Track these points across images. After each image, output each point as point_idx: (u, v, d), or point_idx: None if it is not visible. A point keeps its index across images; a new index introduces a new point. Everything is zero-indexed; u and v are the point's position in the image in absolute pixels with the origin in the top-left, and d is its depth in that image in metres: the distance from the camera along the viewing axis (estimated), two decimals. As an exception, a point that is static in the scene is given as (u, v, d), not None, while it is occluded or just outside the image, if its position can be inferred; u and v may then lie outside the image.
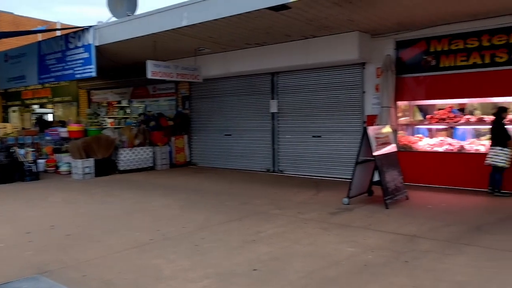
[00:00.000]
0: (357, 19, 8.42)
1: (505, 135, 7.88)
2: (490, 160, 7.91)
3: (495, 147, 7.90)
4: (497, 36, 8.29)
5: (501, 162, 7.78)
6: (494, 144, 7.95)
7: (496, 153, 7.86)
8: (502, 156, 7.78)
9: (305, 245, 5.26)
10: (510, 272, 4.28)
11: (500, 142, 7.85)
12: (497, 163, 7.82)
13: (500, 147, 7.82)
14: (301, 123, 11.23)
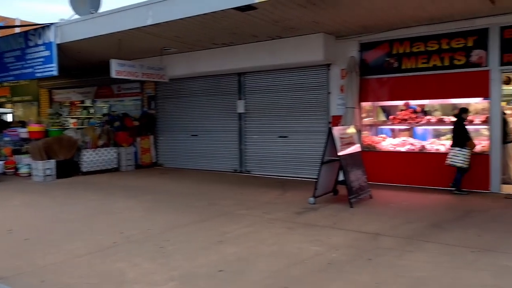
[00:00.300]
0: (322, 21, 8.54)
1: (465, 136, 8.11)
2: (449, 161, 8.16)
3: (454, 148, 8.15)
4: (456, 40, 8.59)
5: (459, 163, 8.03)
6: (453, 144, 8.21)
7: (455, 154, 8.10)
8: (460, 157, 8.02)
9: (271, 245, 5.29)
10: (465, 267, 4.44)
11: (459, 143, 8.10)
12: (455, 163, 8.07)
13: (459, 147, 8.07)
14: (268, 123, 11.29)
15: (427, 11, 7.82)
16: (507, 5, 7.51)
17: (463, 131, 8.14)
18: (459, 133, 8.17)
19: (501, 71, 8.25)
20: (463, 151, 8.01)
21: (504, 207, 7.13)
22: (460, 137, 8.13)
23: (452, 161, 8.11)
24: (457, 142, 8.13)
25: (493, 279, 4.08)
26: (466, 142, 8.06)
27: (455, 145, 8.15)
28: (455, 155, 8.08)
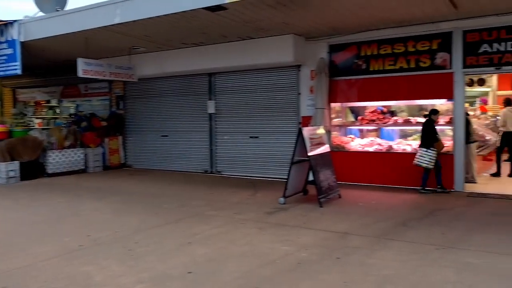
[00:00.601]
0: (292, 22, 8.60)
1: (433, 137, 8.27)
2: (416, 161, 8.32)
3: (421, 148, 8.32)
4: (421, 43, 8.82)
5: (424, 163, 8.21)
6: (421, 145, 8.38)
7: (421, 154, 8.27)
8: (426, 157, 8.19)
9: (241, 245, 5.29)
10: (430, 264, 4.56)
11: (426, 144, 8.26)
12: (421, 163, 8.25)
13: (426, 148, 8.24)
14: (239, 124, 11.28)
15: (395, 13, 8.00)
16: (469, 10, 7.77)
17: (431, 132, 8.29)
18: (427, 134, 8.33)
19: (464, 74, 8.53)
20: (429, 152, 8.19)
21: (466, 205, 7.37)
22: (428, 138, 8.30)
23: (418, 161, 8.29)
24: (425, 142, 8.31)
25: (456, 276, 4.21)
26: (433, 143, 8.23)
27: (422, 145, 8.33)
28: (422, 156, 8.26)
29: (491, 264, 4.49)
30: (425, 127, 8.42)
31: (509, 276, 4.16)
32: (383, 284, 4.07)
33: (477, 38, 8.25)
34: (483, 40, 8.20)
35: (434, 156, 8.19)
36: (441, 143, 8.38)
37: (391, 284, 4.08)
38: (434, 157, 8.19)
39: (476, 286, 3.95)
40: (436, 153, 8.23)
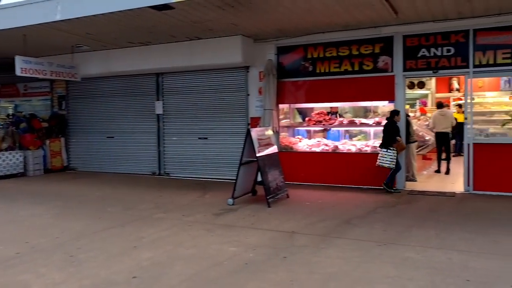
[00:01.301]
0: (240, 23, 8.63)
1: (393, 138, 8.41)
2: (378, 162, 8.42)
3: (382, 149, 8.44)
4: (364, 46, 9.13)
5: (386, 163, 8.33)
6: (381, 145, 8.48)
7: (382, 155, 8.39)
8: (387, 158, 8.31)
9: (188, 248, 5.23)
10: (373, 260, 4.73)
11: (386, 144, 8.37)
12: (383, 164, 8.35)
13: (386, 149, 8.35)
14: (188, 124, 11.16)
15: (339, 18, 8.22)
16: (408, 16, 8.13)
17: (393, 133, 8.40)
18: (388, 135, 8.43)
19: (404, 77, 8.91)
20: (389, 152, 8.31)
21: (407, 202, 7.70)
22: (388, 139, 8.41)
23: (381, 162, 8.38)
24: (385, 143, 8.41)
25: (395, 270, 4.39)
26: (393, 144, 8.36)
27: (382, 146, 8.44)
28: (383, 156, 8.37)
29: (428, 259, 4.71)
30: (388, 128, 8.49)
31: (444, 269, 4.39)
32: (328, 282, 4.16)
33: (416, 43, 8.66)
34: (422, 45, 8.62)
35: (394, 156, 8.30)
36: (402, 143, 8.59)
37: (335, 281, 4.18)
38: (394, 157, 8.29)
39: (414, 280, 4.14)
40: (396, 153, 8.36)
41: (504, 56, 8.01)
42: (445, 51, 8.44)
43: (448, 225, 6.09)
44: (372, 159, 9.06)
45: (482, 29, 8.13)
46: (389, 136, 8.43)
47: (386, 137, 8.47)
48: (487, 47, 8.12)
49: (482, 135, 8.64)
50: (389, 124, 8.51)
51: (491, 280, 4.10)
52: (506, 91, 12.39)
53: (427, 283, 4.05)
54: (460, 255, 4.81)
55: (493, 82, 12.62)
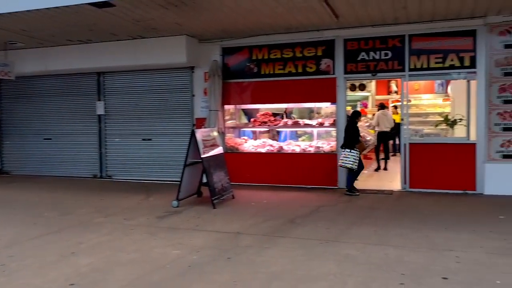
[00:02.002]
0: (184, 23, 8.53)
1: (356, 139, 8.49)
2: (341, 162, 8.45)
3: (345, 150, 8.43)
4: (308, 49, 9.33)
5: (349, 164, 8.35)
6: (344, 146, 8.48)
7: (346, 155, 8.35)
8: (350, 158, 8.33)
9: (130, 252, 5.10)
10: (315, 258, 4.83)
11: (350, 145, 8.40)
12: (346, 164, 8.37)
13: (349, 149, 8.37)
14: (131, 126, 10.88)
15: (282, 20, 8.33)
16: (349, 20, 8.41)
17: (355, 134, 8.49)
18: (351, 136, 8.44)
19: (345, 79, 9.20)
20: (353, 153, 8.35)
21: (348, 201, 7.96)
22: (351, 140, 8.43)
23: (344, 163, 8.37)
24: (348, 144, 8.41)
25: (337, 267, 4.52)
26: (356, 145, 8.45)
27: (346, 147, 8.42)
28: (346, 157, 8.33)
29: (367, 255, 4.89)
30: (350, 129, 8.51)
31: (382, 265, 4.57)
32: (271, 281, 4.21)
33: (356, 47, 8.97)
34: (361, 48, 8.94)
35: (358, 157, 8.39)
36: (363, 144, 8.75)
37: (279, 280, 4.23)
38: (357, 157, 8.37)
39: (354, 276, 4.28)
40: (359, 154, 8.48)
41: (436, 61, 8.48)
42: (383, 55, 8.81)
43: (386, 222, 6.36)
44: (315, 159, 9.33)
45: (416, 35, 8.57)
46: (352, 137, 8.45)
47: (349, 138, 8.45)
48: (421, 51, 8.56)
49: (417, 135, 9.10)
50: (351, 125, 8.55)
51: (424, 273, 4.31)
52: (439, 93, 13.19)
53: (365, 279, 4.20)
54: (396, 250, 5.03)
55: (428, 85, 13.37)
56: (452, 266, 4.50)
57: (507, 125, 8.16)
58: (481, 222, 6.23)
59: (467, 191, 8.34)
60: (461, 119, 8.94)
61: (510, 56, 8.08)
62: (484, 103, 8.25)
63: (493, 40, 8.14)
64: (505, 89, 8.13)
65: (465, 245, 5.18)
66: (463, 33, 8.31)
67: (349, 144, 8.41)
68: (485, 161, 8.25)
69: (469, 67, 8.32)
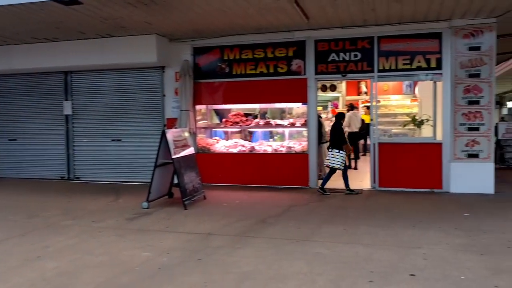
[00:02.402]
0: (154, 22, 8.42)
1: (342, 139, 8.59)
2: (328, 162, 8.51)
3: (333, 150, 8.47)
4: (279, 49, 9.37)
5: (337, 164, 8.43)
6: (332, 147, 8.53)
7: (333, 156, 8.42)
8: (338, 159, 8.41)
9: (98, 255, 4.99)
10: (286, 257, 4.85)
11: (338, 145, 8.47)
12: (334, 164, 8.43)
13: (337, 150, 8.43)
14: (100, 126, 10.66)
15: (253, 20, 8.34)
16: (319, 22, 8.49)
17: (340, 135, 8.58)
18: (337, 137, 8.54)
19: (316, 80, 9.29)
20: (341, 154, 8.42)
21: (319, 200, 8.03)
22: (338, 140, 8.52)
23: (331, 163, 8.43)
24: (336, 144, 8.48)
25: (307, 267, 4.55)
26: (343, 145, 8.53)
27: (334, 147, 8.47)
28: (335, 157, 8.42)
29: (336, 253, 4.95)
30: (336, 129, 8.62)
31: (351, 263, 4.63)
32: (242, 281, 4.20)
33: (327, 48, 9.07)
34: (332, 49, 9.05)
35: (344, 157, 8.51)
36: (348, 145, 8.84)
37: (250, 280, 4.23)
38: (344, 158, 8.48)
39: (324, 275, 4.32)
40: (345, 154, 8.60)
41: (404, 62, 8.68)
42: (353, 56, 8.94)
43: (356, 220, 6.46)
44: (287, 159, 9.38)
45: (385, 37, 8.74)
46: (340, 137, 8.56)
47: (336, 139, 8.53)
48: (389, 53, 8.74)
49: (386, 135, 9.28)
50: (337, 126, 8.66)
51: (392, 270, 4.40)
52: (407, 94, 13.48)
53: (335, 277, 4.24)
54: (366, 248, 5.11)
55: (396, 86, 13.65)
56: (419, 263, 4.61)
57: (472, 125, 8.42)
58: (447, 220, 6.40)
59: (434, 190, 8.56)
60: (428, 120, 9.18)
61: (473, 58, 8.34)
62: (450, 103, 8.48)
63: (458, 43, 8.39)
64: (469, 90, 8.39)
65: (432, 242, 5.31)
66: (430, 35, 8.54)
67: (337, 144, 8.49)
68: (450, 160, 8.49)
69: (435, 68, 8.56)
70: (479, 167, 8.35)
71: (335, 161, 8.44)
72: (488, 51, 8.27)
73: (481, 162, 8.35)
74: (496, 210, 7.04)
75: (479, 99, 8.36)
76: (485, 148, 8.36)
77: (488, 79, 8.30)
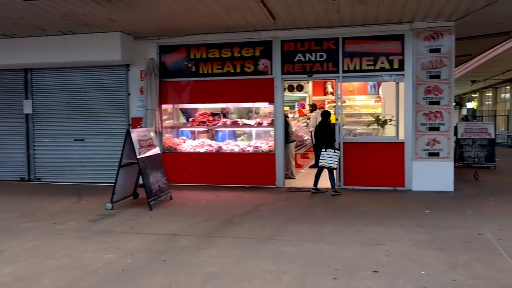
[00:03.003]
0: (119, 19, 8.25)
1: (332, 138, 8.60)
2: (324, 162, 8.40)
3: (328, 150, 8.39)
4: (246, 49, 9.38)
5: (334, 164, 8.36)
6: (326, 146, 8.41)
7: (329, 156, 8.35)
8: (335, 158, 8.38)
9: (59, 258, 4.84)
10: (252, 257, 4.86)
11: (331, 145, 8.45)
12: (331, 164, 8.34)
13: (332, 149, 8.38)
14: (62, 125, 10.36)
15: (220, 19, 8.29)
16: (286, 22, 8.54)
17: (330, 134, 8.56)
18: (329, 136, 8.55)
19: (283, 80, 9.35)
20: (336, 153, 8.41)
21: (286, 199, 8.10)
22: (330, 140, 8.54)
23: (328, 163, 8.36)
24: (329, 144, 8.46)
25: (272, 265, 4.57)
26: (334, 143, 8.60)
27: (328, 147, 8.42)
28: (331, 157, 8.36)
29: (301, 251, 5.00)
30: (327, 129, 8.60)
31: (316, 261, 4.69)
32: (207, 281, 4.17)
33: (293, 48, 9.15)
34: (298, 50, 9.13)
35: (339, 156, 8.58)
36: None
37: (215, 279, 4.21)
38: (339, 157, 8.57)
39: (289, 273, 4.35)
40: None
41: (368, 63, 8.86)
42: (319, 57, 9.06)
43: (321, 219, 6.55)
44: (254, 159, 9.40)
45: (349, 38, 8.90)
46: (331, 136, 8.60)
47: (328, 138, 8.55)
48: (354, 54, 8.90)
49: (351, 135, 9.44)
50: (327, 125, 8.64)
51: (356, 267, 4.48)
52: (372, 95, 13.77)
53: (300, 275, 4.28)
54: (330, 246, 5.19)
55: (361, 86, 13.91)
56: (382, 259, 4.71)
57: (432, 125, 8.68)
58: (409, 217, 6.58)
59: (397, 188, 8.78)
60: (391, 119, 9.41)
61: (434, 60, 8.60)
62: (412, 104, 8.72)
63: (419, 45, 8.63)
64: (430, 91, 8.65)
65: (394, 239, 5.45)
66: (393, 37, 8.75)
67: (330, 144, 8.50)
68: (412, 159, 8.73)
69: (398, 69, 8.78)
70: (439, 166, 8.62)
71: (332, 160, 8.39)
72: (448, 53, 8.55)
73: (441, 160, 8.63)
74: (455, 207, 7.28)
75: (439, 100, 8.64)
76: (445, 147, 8.64)
77: (448, 80, 8.59)
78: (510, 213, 6.79)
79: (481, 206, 7.33)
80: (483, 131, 12.37)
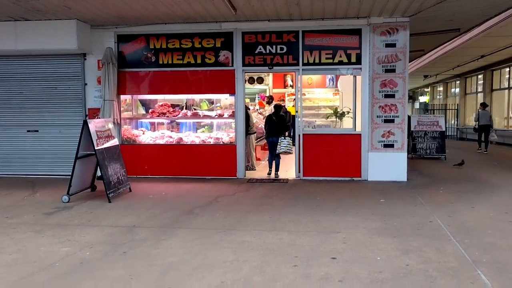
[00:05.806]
0: (74, 6, 7.99)
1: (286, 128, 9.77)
2: (285, 149, 9.24)
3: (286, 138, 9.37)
4: (206, 40, 9.32)
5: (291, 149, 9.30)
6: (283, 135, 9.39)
7: (289, 143, 9.29)
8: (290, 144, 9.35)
9: (12, 253, 4.69)
10: (212, 247, 4.89)
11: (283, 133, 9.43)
12: (289, 150, 9.27)
13: (289, 137, 9.52)
14: (13, 116, 9.95)
15: (179, 9, 8.18)
16: (246, 14, 8.55)
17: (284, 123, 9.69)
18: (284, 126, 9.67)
19: (244, 71, 9.37)
20: (287, 139, 9.36)
21: (246, 190, 8.16)
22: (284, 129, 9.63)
23: (288, 149, 9.25)
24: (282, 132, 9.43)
25: (233, 255, 4.62)
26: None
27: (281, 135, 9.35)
28: (289, 144, 9.29)
29: (262, 241, 5.08)
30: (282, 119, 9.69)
31: (275, 249, 4.79)
32: (167, 272, 4.17)
33: (254, 40, 9.18)
34: (259, 42, 9.17)
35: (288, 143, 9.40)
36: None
37: (175, 270, 4.22)
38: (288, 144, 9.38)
39: (249, 261, 4.42)
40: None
41: (327, 57, 9.03)
42: (279, 49, 9.14)
43: (280, 209, 6.67)
44: (215, 150, 9.41)
45: (309, 31, 9.03)
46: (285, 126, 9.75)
47: (283, 127, 9.59)
48: (313, 47, 9.04)
49: (310, 127, 9.62)
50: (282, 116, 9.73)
51: (314, 255, 4.61)
52: (330, 88, 14.05)
53: (260, 263, 4.36)
54: (290, 235, 5.30)
55: (320, 79, 14.16)
56: (339, 246, 4.87)
57: (387, 117, 8.98)
58: (365, 206, 6.81)
59: (353, 178, 9.04)
60: (348, 112, 9.66)
61: (389, 54, 8.88)
62: (368, 97, 8.98)
63: (376, 39, 8.88)
64: (386, 84, 8.94)
65: (350, 227, 5.63)
66: (350, 31, 8.95)
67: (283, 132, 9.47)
68: (369, 150, 9.01)
69: (355, 63, 9.00)
70: (393, 157, 8.95)
71: (290, 147, 9.32)
72: (402, 48, 8.85)
73: (396, 152, 8.96)
74: (408, 196, 7.60)
75: (394, 93, 8.94)
76: (399, 139, 8.98)
77: (402, 74, 8.90)
78: (458, 201, 7.17)
79: (432, 195, 7.69)
80: (434, 124, 12.92)
